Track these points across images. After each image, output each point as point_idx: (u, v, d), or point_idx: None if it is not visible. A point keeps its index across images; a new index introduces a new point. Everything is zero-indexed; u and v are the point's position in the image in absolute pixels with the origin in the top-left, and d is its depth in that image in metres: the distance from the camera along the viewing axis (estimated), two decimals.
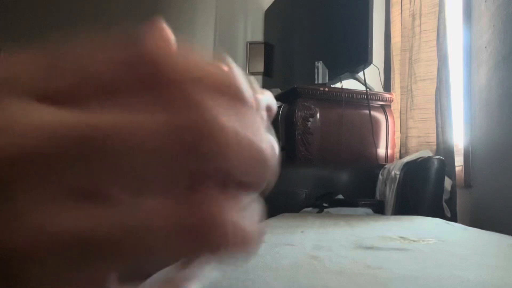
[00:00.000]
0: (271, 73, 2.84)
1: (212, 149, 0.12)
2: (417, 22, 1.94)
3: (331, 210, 1.50)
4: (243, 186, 0.14)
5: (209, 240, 0.12)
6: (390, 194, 1.56)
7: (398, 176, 1.53)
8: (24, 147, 0.10)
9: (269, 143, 0.14)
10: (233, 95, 0.13)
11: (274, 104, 0.19)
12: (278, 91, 2.33)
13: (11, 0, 2.61)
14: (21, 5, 2.61)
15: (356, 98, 2.00)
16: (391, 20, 2.24)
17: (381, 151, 2.03)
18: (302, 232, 0.88)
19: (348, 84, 2.09)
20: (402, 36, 2.12)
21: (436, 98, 1.79)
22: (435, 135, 1.80)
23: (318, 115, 1.91)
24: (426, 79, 1.89)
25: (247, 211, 0.14)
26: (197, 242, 0.12)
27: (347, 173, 1.79)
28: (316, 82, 2.04)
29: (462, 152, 1.72)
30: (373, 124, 1.98)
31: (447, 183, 1.52)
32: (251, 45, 2.91)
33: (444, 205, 1.50)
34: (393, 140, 2.07)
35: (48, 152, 0.11)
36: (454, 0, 1.88)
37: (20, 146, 0.10)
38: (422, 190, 1.46)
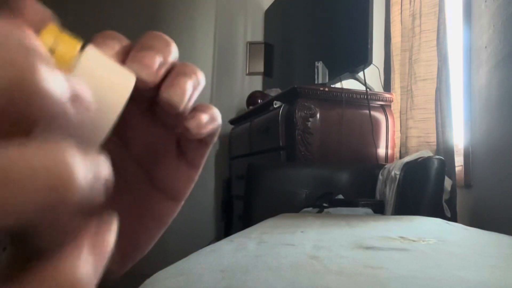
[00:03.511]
0: (271, 73, 2.84)
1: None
2: (417, 22, 1.94)
3: (331, 210, 1.50)
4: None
5: (65, 184, 0.12)
6: (390, 194, 1.56)
7: (398, 176, 1.53)
8: None
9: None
10: None
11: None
12: (278, 91, 2.33)
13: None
14: None
15: (356, 98, 2.00)
16: (391, 20, 2.24)
17: (381, 151, 2.03)
18: (302, 232, 0.88)
19: (348, 84, 2.09)
20: (402, 36, 2.12)
21: (436, 98, 1.79)
22: (435, 135, 1.80)
23: (318, 115, 1.91)
24: (426, 79, 1.89)
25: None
26: (54, 187, 0.11)
27: (347, 173, 1.79)
28: (316, 82, 2.04)
29: (462, 152, 1.72)
30: (373, 124, 1.98)
31: (447, 183, 1.52)
32: (251, 45, 2.91)
33: (444, 205, 1.49)
34: (393, 140, 2.07)
35: None
36: (454, 0, 1.88)
37: None
38: (422, 190, 1.46)
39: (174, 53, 0.22)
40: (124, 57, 0.21)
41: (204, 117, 0.23)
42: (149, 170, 0.26)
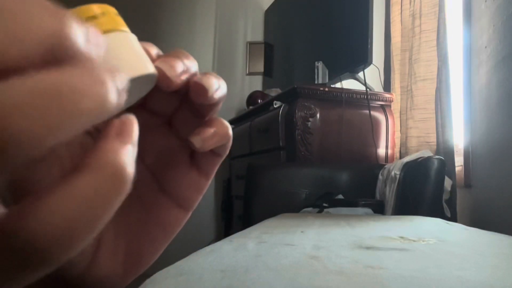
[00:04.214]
0: (271, 73, 2.84)
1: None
2: (417, 22, 1.94)
3: (331, 210, 1.50)
4: None
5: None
6: (390, 194, 1.56)
7: (398, 176, 1.53)
8: None
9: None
10: None
11: None
12: (278, 91, 2.33)
13: None
14: None
15: (356, 98, 2.00)
16: (391, 20, 2.24)
17: (381, 151, 2.03)
18: (302, 232, 0.88)
19: (348, 84, 2.09)
20: (402, 36, 2.12)
21: (436, 98, 1.79)
22: (435, 135, 1.80)
23: (318, 115, 1.91)
24: (426, 79, 1.89)
25: None
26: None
27: (347, 173, 1.79)
28: (316, 82, 2.04)
29: (462, 152, 1.72)
30: (373, 124, 1.98)
31: (447, 183, 1.52)
32: (251, 45, 2.91)
33: (444, 205, 1.49)
34: (393, 140, 2.07)
35: None
36: (454, 0, 1.88)
37: None
38: (422, 190, 1.46)
39: (195, 66, 0.24)
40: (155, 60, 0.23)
41: (209, 133, 0.24)
42: (161, 177, 0.27)
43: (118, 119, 0.16)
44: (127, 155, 0.15)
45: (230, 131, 0.26)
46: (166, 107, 0.26)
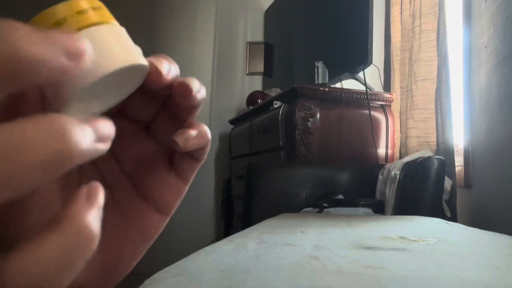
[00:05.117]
0: (271, 73, 2.84)
1: None
2: (417, 22, 1.94)
3: (331, 210, 1.50)
4: None
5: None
6: (390, 194, 1.56)
7: (398, 176, 1.53)
8: None
9: None
10: None
11: None
12: (278, 91, 2.33)
13: None
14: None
15: (356, 98, 2.00)
16: (391, 20, 2.24)
17: (381, 151, 2.03)
18: (302, 232, 0.88)
19: (348, 84, 2.09)
20: (402, 36, 2.12)
21: (436, 98, 1.79)
22: (435, 135, 1.80)
23: (318, 115, 1.91)
24: (426, 79, 1.89)
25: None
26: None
27: (347, 173, 1.79)
28: (316, 82, 2.04)
29: (462, 152, 1.72)
30: (373, 124, 1.98)
31: (447, 183, 1.52)
32: (251, 45, 2.90)
33: (444, 205, 1.50)
34: (393, 140, 2.07)
35: None
36: (454, 0, 1.88)
37: None
38: (422, 190, 1.46)
39: (178, 70, 0.25)
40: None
41: (192, 133, 0.25)
42: (139, 182, 0.27)
43: (86, 186, 0.16)
44: (94, 217, 0.16)
45: (210, 135, 0.26)
46: (144, 114, 0.27)
